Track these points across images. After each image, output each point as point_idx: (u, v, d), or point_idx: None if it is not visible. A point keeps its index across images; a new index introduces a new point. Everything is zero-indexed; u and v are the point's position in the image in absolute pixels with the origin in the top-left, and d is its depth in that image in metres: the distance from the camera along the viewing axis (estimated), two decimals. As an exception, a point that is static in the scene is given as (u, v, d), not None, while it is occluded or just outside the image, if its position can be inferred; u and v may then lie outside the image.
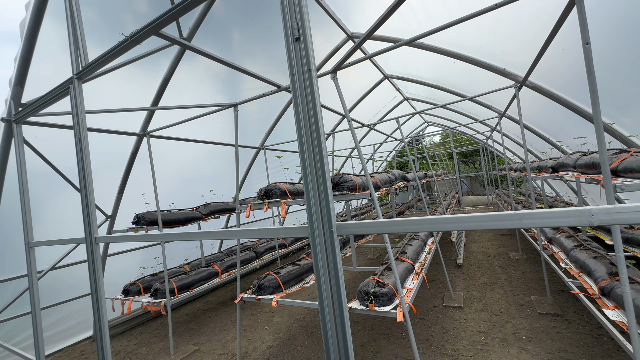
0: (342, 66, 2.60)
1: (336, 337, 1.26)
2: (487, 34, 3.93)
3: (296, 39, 1.29)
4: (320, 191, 1.25)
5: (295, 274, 3.78)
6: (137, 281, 4.87)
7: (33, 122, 3.15)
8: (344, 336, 1.24)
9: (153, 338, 4.78)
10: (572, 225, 0.84)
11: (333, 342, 1.26)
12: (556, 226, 0.90)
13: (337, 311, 1.24)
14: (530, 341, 3.45)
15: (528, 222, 0.90)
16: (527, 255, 6.48)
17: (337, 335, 1.25)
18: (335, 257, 1.23)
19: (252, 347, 4.09)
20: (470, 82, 6.52)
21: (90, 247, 2.22)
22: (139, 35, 1.86)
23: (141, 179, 5.01)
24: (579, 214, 0.83)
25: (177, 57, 3.86)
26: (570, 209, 0.85)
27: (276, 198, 3.16)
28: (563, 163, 4.00)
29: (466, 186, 18.81)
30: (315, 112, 1.25)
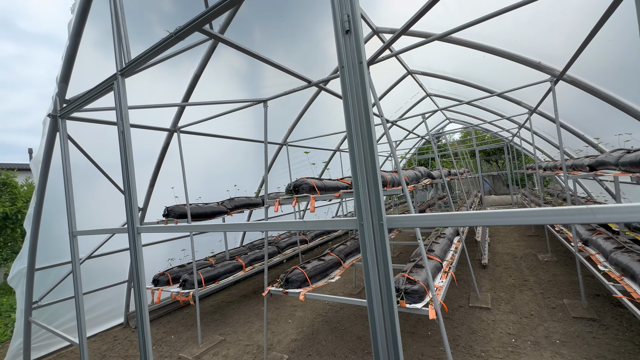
0: (375, 61, 2.57)
1: (385, 335, 1.25)
2: (523, 26, 3.77)
3: (346, 32, 1.29)
4: (370, 184, 1.25)
5: (321, 269, 3.81)
6: (166, 272, 5.06)
7: (76, 118, 3.31)
8: (394, 335, 1.22)
9: (180, 327, 4.95)
10: (654, 221, 0.80)
11: (382, 341, 1.25)
12: (634, 221, 0.86)
13: (386, 308, 1.23)
14: (565, 345, 3.33)
15: (601, 217, 0.86)
16: (557, 257, 6.23)
17: (386, 334, 1.24)
18: (385, 250, 1.23)
19: (277, 340, 4.16)
20: (498, 77, 6.31)
21: (132, 236, 2.31)
22: (183, 32, 1.91)
23: (169, 173, 5.17)
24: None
25: (207, 54, 3.95)
26: (651, 204, 0.81)
27: (305, 193, 3.18)
28: (603, 161, 3.80)
29: (488, 185, 18.26)
30: (366, 104, 1.25)
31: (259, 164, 7.21)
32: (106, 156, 4.11)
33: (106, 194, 4.60)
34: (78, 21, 2.85)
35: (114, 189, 4.12)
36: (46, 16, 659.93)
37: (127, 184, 2.33)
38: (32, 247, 3.90)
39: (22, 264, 3.95)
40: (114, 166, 3.99)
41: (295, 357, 3.69)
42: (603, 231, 4.32)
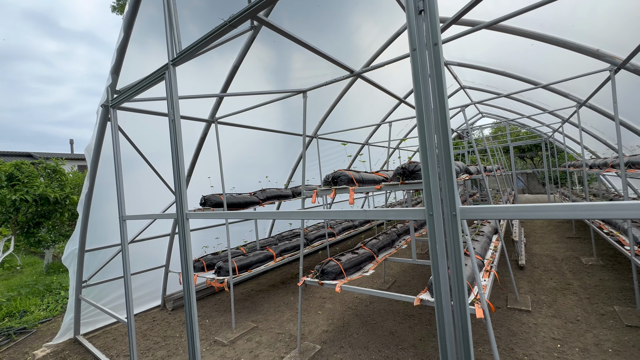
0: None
1: (454, 336, 1.19)
2: (584, 10, 3.48)
3: (420, 11, 1.22)
4: (441, 171, 1.19)
5: (355, 262, 3.78)
6: (200, 258, 5.24)
7: (126, 108, 3.46)
8: (465, 338, 1.16)
9: (214, 312, 5.12)
10: None
11: (451, 342, 1.20)
12: None
13: (457, 306, 1.18)
14: (619, 355, 3.10)
15: None
16: (603, 261, 5.82)
17: (455, 335, 1.19)
18: (458, 244, 1.17)
19: (308, 330, 4.20)
20: (542, 68, 5.91)
21: (182, 222, 2.39)
22: (237, 19, 1.91)
23: (204, 163, 5.32)
24: None
25: (247, 44, 3.98)
26: None
27: (343, 185, 3.15)
28: (669, 158, 3.46)
29: (522, 183, 17.37)
30: (440, 89, 1.18)
31: (288, 156, 7.25)
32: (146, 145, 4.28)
33: (144, 182, 4.81)
34: (130, 12, 2.95)
35: (149, 177, 4.30)
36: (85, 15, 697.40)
37: (177, 172, 2.40)
38: (83, 230, 4.16)
39: (74, 245, 4.23)
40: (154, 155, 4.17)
41: (328, 347, 3.71)
42: (664, 235, 3.96)
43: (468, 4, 2.03)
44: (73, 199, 7.42)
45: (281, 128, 6.41)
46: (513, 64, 6.25)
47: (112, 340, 4.44)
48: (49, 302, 6.23)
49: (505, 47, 5.56)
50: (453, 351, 1.19)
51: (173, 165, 2.44)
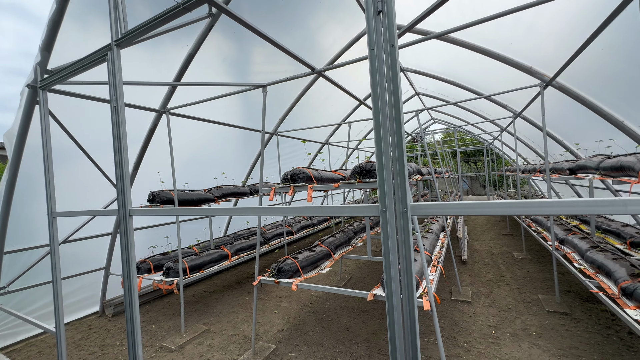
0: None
1: (403, 327, 1.24)
2: (521, 30, 3.88)
3: (379, 12, 1.25)
4: (394, 170, 1.23)
5: (312, 259, 3.79)
6: (147, 259, 4.86)
7: (59, 91, 3.06)
8: (413, 328, 1.22)
9: (161, 316, 4.79)
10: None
11: (399, 333, 1.24)
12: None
13: (406, 300, 1.23)
14: (541, 337, 3.52)
15: (633, 209, 0.89)
16: (531, 255, 6.57)
17: (404, 326, 1.24)
18: (408, 239, 1.22)
19: (263, 330, 4.12)
20: (486, 80, 6.48)
21: (124, 219, 2.18)
22: (192, 3, 1.79)
23: (155, 157, 4.94)
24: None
25: (204, 32, 3.77)
26: (680, 197, 0.84)
27: (302, 182, 3.14)
28: (583, 165, 4.02)
29: (467, 185, 18.94)
30: (395, 90, 1.22)
31: (247, 152, 7.04)
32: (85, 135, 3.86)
33: (83, 176, 4.34)
34: (66, -16, 2.62)
35: (89, 171, 3.88)
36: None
37: (120, 164, 2.19)
38: (1, 228, 3.61)
39: (-11, 246, 3.65)
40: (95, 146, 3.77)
41: (283, 347, 3.68)
42: (577, 231, 4.59)
43: (422, 14, 2.14)
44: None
45: (241, 123, 6.20)
46: (461, 74, 6.77)
47: (37, 354, 3.92)
48: (-45, 314, 5.30)
49: (456, 58, 6.00)
50: (401, 341, 1.24)
51: (115, 157, 2.21)
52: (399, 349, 1.24)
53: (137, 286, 4.58)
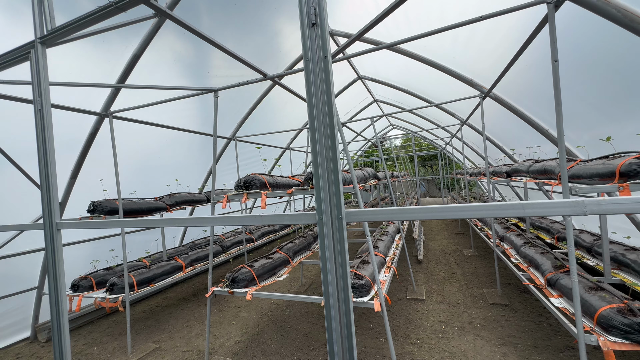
0: (333, 61, 2.62)
1: (340, 328, 1.27)
2: (461, 45, 4.22)
3: (313, 24, 1.29)
4: (330, 178, 1.26)
5: (269, 267, 3.74)
6: (88, 275, 4.44)
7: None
8: (349, 328, 1.26)
9: (105, 337, 4.40)
10: (567, 215, 0.96)
11: (337, 335, 1.27)
12: (554, 215, 1.01)
13: (342, 301, 1.26)
14: (484, 329, 3.80)
15: (530, 211, 1.00)
16: (478, 252, 7.09)
17: (341, 327, 1.27)
18: (342, 244, 1.25)
19: (219, 343, 3.96)
20: (437, 89, 6.93)
21: (50, 233, 1.98)
22: (126, 3, 1.70)
23: (96, 164, 4.56)
24: (574, 205, 0.95)
25: (150, 32, 3.58)
26: (565, 200, 0.97)
27: (256, 189, 3.09)
28: (517, 169, 4.44)
29: (424, 188, 19.97)
30: (329, 100, 1.26)
31: (203, 158, 6.78)
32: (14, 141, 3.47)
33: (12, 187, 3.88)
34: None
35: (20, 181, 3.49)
36: None
37: (45, 172, 1.99)
38: None
39: None
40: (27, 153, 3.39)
41: (239, 359, 3.56)
42: (514, 229, 5.05)
43: (367, 25, 2.24)
44: None
45: (198, 127, 5.96)
46: (415, 84, 7.17)
47: (-53, 393, 3.38)
48: None
49: (410, 69, 6.33)
50: (339, 342, 1.26)
51: (40, 165, 2.01)
52: (336, 350, 1.26)
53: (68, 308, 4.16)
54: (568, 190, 2.11)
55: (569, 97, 3.57)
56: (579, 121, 3.90)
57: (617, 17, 1.98)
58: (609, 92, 3.23)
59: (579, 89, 3.38)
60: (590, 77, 3.23)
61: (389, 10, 2.08)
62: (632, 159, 2.12)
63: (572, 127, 4.01)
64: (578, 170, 2.79)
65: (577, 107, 3.63)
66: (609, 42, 2.70)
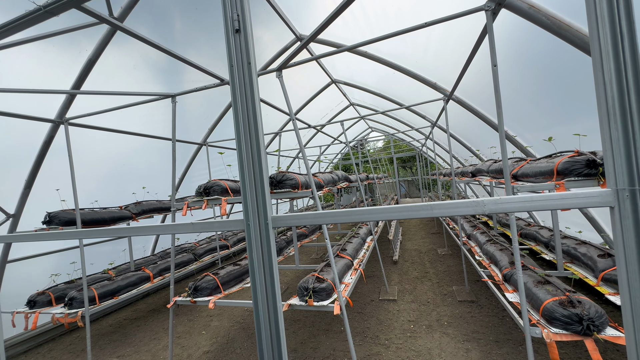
0: (288, 65, 2.64)
1: (270, 334, 1.26)
2: (421, 51, 4.34)
3: (236, 31, 1.29)
4: (256, 184, 1.26)
5: (236, 274, 3.68)
6: (47, 290, 4.23)
7: None
8: (278, 334, 1.25)
9: (66, 354, 4.19)
10: (470, 214, 1.00)
11: (267, 340, 1.26)
12: (459, 214, 1.05)
13: (270, 306, 1.25)
14: (451, 326, 3.89)
15: (438, 212, 1.04)
16: (451, 250, 7.26)
17: (271, 333, 1.26)
18: (270, 249, 1.25)
19: (187, 354, 3.86)
20: (409, 93, 7.09)
21: (-19, 248, 1.87)
22: (56, 7, 1.65)
23: (56, 173, 4.37)
24: (475, 204, 0.99)
25: (106, 37, 3.48)
26: (468, 200, 1.01)
27: (216, 195, 3.05)
28: (480, 169, 4.60)
29: (404, 189, 20.32)
30: (253, 106, 1.26)
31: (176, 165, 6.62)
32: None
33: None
34: None
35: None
36: None
37: (-24, 184, 1.88)
38: None
39: None
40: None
41: (206, 370, 3.48)
42: (481, 227, 5.22)
43: (319, 26, 2.27)
44: None
45: (167, 133, 5.82)
46: (389, 88, 7.31)
47: None
48: None
49: (382, 73, 6.44)
50: (269, 348, 1.26)
51: (-30, 177, 1.90)
52: (266, 356, 1.25)
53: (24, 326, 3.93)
54: (510, 188, 2.21)
55: (521, 99, 3.75)
56: (535, 122, 4.09)
57: (546, 24, 2.10)
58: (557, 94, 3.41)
59: (527, 91, 3.55)
60: (538, 81, 3.39)
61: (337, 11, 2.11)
62: (567, 158, 2.24)
63: (528, 127, 4.20)
64: (527, 169, 2.92)
65: (530, 109, 3.80)
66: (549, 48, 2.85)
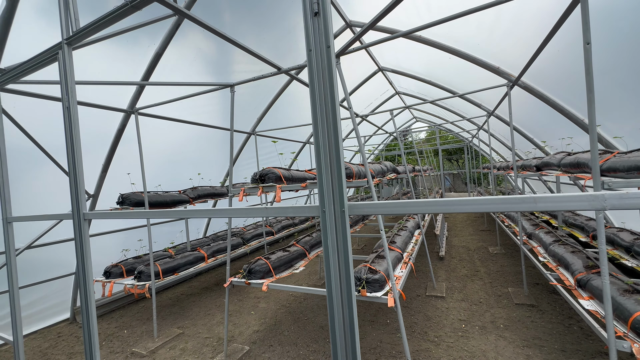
0: (346, 52, 2.57)
1: (342, 321, 1.26)
2: (486, 31, 3.98)
3: (315, 14, 1.26)
4: (332, 170, 1.24)
5: (285, 260, 3.79)
6: (119, 263, 4.74)
7: (13, 90, 2.94)
8: (351, 321, 1.24)
9: (135, 321, 4.68)
10: (584, 209, 0.88)
11: (339, 328, 1.26)
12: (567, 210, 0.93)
13: (345, 294, 1.25)
14: (508, 329, 3.64)
15: (542, 206, 0.93)
16: (505, 250, 6.77)
17: (344, 320, 1.26)
18: (345, 237, 1.24)
19: (238, 332, 4.10)
20: (462, 80, 6.62)
21: (78, 223, 2.12)
22: (140, 1, 1.75)
23: (125, 158, 4.82)
24: (592, 199, 0.87)
25: (170, 32, 3.69)
26: (581, 193, 0.89)
27: (271, 183, 3.13)
28: (547, 162, 4.16)
29: (449, 183, 19.31)
30: (332, 90, 1.23)
31: (225, 152, 6.96)
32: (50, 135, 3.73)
33: (49, 179, 4.18)
34: (16, -21, 2.51)
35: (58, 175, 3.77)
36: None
37: (73, 165, 2.12)
38: (-44, 235, 3.45)
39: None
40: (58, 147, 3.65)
41: (257, 347, 3.66)
42: (544, 226, 4.76)
43: (380, 13, 2.16)
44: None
45: (219, 122, 6.11)
46: (439, 74, 6.90)
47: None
48: None
49: (433, 59, 6.10)
50: (342, 334, 1.26)
51: (68, 159, 2.14)
52: (339, 342, 1.26)
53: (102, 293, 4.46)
54: (600, 183, 1.95)
55: (607, 84, 3.28)
56: (620, 110, 3.57)
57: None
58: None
59: (618, 75, 3.09)
60: (630, 62, 2.93)
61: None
62: (677, 149, 1.91)
63: (612, 116, 3.68)
64: (614, 163, 2.56)
65: (617, 95, 3.32)
66: None
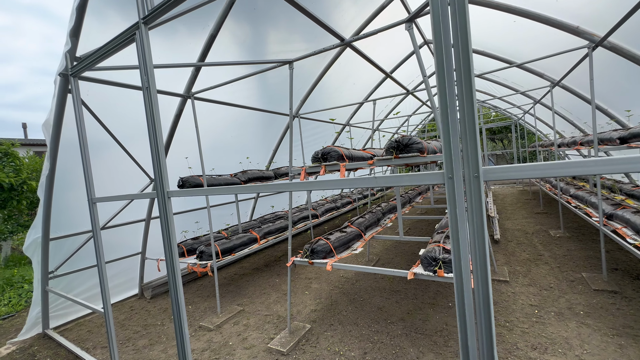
0: (422, 13, 2.35)
1: (474, 310, 1.14)
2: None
3: (442, -50, 1.09)
4: (463, 130, 1.10)
5: (344, 240, 3.74)
6: (180, 244, 4.99)
7: (90, 78, 3.07)
8: (488, 311, 1.10)
9: (196, 298, 4.95)
10: None
11: (470, 316, 1.14)
12: None
13: (481, 277, 1.12)
14: (589, 316, 3.34)
15: None
16: (569, 233, 6.24)
17: (476, 308, 1.13)
18: (480, 210, 1.10)
19: (296, 310, 4.17)
20: (521, 47, 6.01)
21: (163, 201, 2.18)
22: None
23: (178, 142, 4.97)
24: None
25: (224, 12, 3.64)
26: None
27: (334, 161, 3.04)
28: (637, 133, 3.66)
29: (492, 163, 18.19)
30: (466, 41, 1.07)
31: (268, 137, 6.99)
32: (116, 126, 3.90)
33: (115, 167, 4.42)
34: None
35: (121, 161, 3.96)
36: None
37: (155, 146, 2.17)
38: (45, 215, 3.78)
39: (36, 233, 3.84)
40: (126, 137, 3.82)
41: (318, 326, 3.70)
42: (627, 205, 4.26)
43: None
44: (31, 185, 6.74)
45: (259, 107, 6.11)
46: (492, 43, 6.31)
47: (86, 333, 4.17)
48: (11, 297, 5.74)
49: (486, 26, 5.56)
50: (473, 331, 1.14)
51: (150, 139, 2.19)
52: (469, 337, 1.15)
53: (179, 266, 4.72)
54: None
55: None
56: None
57: None
58: None
59: None
60: None
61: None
62: None
63: None
64: None
65: None
66: None
